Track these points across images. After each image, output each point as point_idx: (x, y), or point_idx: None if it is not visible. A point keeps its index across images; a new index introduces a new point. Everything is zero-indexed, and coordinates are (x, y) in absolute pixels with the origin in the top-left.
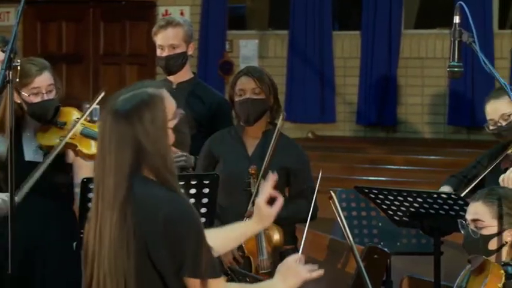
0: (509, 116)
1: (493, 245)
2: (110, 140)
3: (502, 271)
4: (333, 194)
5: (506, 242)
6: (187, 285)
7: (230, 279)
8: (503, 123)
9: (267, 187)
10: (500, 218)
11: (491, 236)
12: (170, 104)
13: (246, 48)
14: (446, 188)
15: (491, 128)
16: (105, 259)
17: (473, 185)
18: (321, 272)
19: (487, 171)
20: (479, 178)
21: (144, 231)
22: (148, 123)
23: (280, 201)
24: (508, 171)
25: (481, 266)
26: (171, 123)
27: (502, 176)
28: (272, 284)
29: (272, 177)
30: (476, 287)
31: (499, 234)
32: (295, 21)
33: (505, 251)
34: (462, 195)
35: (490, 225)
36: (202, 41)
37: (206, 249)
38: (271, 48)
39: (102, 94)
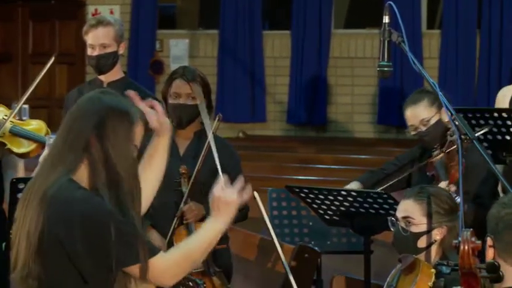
0: (428, 121)
1: (422, 243)
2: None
3: (432, 270)
4: (256, 195)
5: (436, 240)
6: (131, 273)
7: None
8: (423, 129)
9: (139, 103)
10: (429, 216)
11: (420, 234)
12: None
13: (176, 48)
14: (353, 184)
15: (412, 133)
16: (20, 259)
17: (392, 182)
18: (250, 190)
19: (406, 172)
20: (401, 177)
21: (58, 230)
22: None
23: (159, 106)
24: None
25: (411, 265)
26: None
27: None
28: (209, 225)
29: (131, 94)
30: (406, 285)
31: (429, 232)
32: (225, 20)
33: (434, 249)
34: (380, 189)
35: (420, 223)
36: (133, 40)
37: (134, 235)
38: (202, 47)
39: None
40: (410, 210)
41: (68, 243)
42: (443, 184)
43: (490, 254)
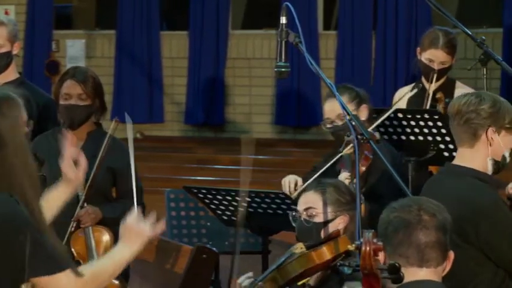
0: (344, 116)
1: (326, 232)
2: None
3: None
4: None
5: (339, 230)
6: (43, 283)
7: None
8: (340, 123)
9: (67, 150)
10: (332, 204)
11: (324, 223)
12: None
13: (72, 48)
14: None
15: (327, 126)
16: None
17: (306, 183)
18: (163, 225)
19: (321, 170)
20: (314, 176)
21: None
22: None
23: (83, 161)
24: (341, 175)
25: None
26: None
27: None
28: (119, 251)
29: (69, 137)
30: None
31: (332, 221)
32: (123, 21)
33: None
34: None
35: (323, 212)
36: (28, 40)
37: (51, 245)
38: (99, 48)
39: None
40: (312, 201)
41: None
42: (343, 175)
43: (380, 257)
